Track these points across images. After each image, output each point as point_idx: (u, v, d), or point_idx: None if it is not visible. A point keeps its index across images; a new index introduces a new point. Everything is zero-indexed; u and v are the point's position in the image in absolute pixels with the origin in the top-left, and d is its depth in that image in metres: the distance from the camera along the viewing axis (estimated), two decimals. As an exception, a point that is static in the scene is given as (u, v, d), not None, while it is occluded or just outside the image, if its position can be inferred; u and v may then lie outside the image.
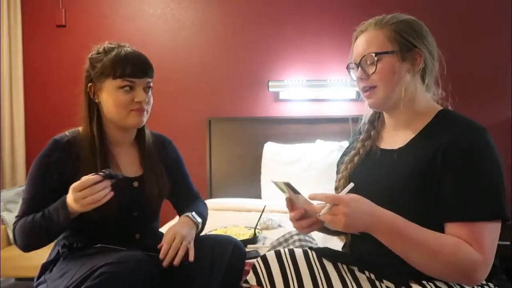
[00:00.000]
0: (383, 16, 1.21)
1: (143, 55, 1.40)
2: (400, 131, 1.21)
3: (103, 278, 1.12)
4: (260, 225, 2.13)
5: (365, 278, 1.11)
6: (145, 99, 1.36)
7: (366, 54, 1.16)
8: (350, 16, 3.14)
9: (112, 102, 1.34)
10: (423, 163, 1.09)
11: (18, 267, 2.57)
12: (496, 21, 3.05)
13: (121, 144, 1.44)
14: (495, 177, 1.05)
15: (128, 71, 1.33)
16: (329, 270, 1.13)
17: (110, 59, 1.34)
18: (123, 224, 1.34)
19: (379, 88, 1.16)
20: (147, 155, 1.47)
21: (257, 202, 2.79)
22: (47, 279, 1.33)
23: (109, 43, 1.40)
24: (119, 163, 1.40)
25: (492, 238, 1.03)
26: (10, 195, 2.83)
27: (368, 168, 1.23)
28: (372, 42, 1.16)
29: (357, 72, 1.19)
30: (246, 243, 1.82)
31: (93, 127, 1.37)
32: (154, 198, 1.43)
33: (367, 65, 1.16)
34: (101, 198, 1.18)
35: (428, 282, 1.06)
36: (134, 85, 1.34)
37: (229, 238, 1.44)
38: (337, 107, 3.21)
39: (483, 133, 1.07)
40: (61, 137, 1.38)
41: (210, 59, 3.33)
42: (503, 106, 3.03)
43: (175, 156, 1.60)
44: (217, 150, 3.28)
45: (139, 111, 1.36)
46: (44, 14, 3.41)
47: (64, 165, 1.33)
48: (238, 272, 1.35)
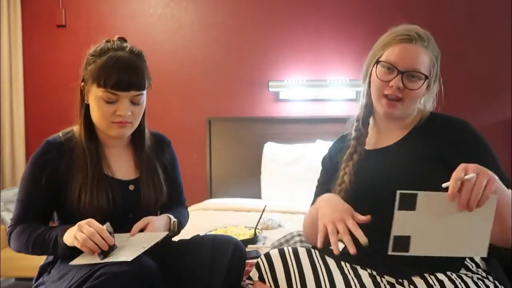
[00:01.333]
0: (425, 32, 1.23)
1: (135, 64, 1.30)
2: (392, 130, 1.28)
3: (104, 279, 1.11)
4: (260, 225, 2.13)
5: (367, 274, 1.13)
6: (126, 113, 1.28)
7: (416, 69, 1.18)
8: (350, 16, 3.15)
9: (96, 109, 1.31)
10: (425, 150, 1.17)
11: (18, 267, 2.57)
12: (496, 21, 3.05)
13: (114, 146, 1.42)
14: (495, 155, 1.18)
15: (111, 82, 1.25)
16: (331, 266, 1.14)
17: (97, 66, 1.28)
18: (119, 226, 1.34)
19: (405, 104, 1.21)
20: (144, 158, 1.44)
21: (257, 202, 2.79)
22: (46, 281, 1.32)
23: (110, 42, 1.34)
24: (113, 165, 1.39)
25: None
26: (10, 195, 2.83)
27: (370, 165, 1.26)
28: (422, 61, 1.19)
29: (394, 77, 1.19)
30: (246, 243, 1.82)
31: (83, 127, 1.35)
32: (150, 201, 1.41)
33: (411, 79, 1.19)
34: (97, 249, 1.18)
35: (429, 275, 1.09)
36: (117, 98, 1.28)
37: (229, 238, 1.43)
38: (337, 107, 3.22)
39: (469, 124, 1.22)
40: (54, 138, 1.37)
41: (210, 59, 3.33)
42: (503, 106, 3.03)
43: (172, 159, 1.56)
44: (217, 150, 3.28)
45: (121, 124, 1.30)
46: (44, 14, 3.41)
47: (57, 166, 1.32)
48: (239, 273, 1.35)
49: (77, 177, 1.32)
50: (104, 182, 1.34)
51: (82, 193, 1.30)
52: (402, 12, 3.04)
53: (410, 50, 1.19)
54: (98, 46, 1.34)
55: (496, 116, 3.03)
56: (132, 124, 1.34)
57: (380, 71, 1.21)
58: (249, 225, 2.11)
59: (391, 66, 1.19)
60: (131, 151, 1.46)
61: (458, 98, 2.99)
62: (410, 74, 1.18)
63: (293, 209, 2.58)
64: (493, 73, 3.06)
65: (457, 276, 1.09)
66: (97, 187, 1.32)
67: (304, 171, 2.91)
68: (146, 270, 1.18)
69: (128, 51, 1.33)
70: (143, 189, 1.40)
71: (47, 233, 1.28)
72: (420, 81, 1.19)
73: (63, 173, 1.32)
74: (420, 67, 1.18)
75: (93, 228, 1.18)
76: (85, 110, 1.36)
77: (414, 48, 1.19)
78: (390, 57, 1.20)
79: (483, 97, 3.05)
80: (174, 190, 1.56)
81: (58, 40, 3.42)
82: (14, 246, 1.34)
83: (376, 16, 3.05)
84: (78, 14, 3.40)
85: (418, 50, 1.19)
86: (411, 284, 1.08)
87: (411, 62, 1.18)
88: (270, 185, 3.02)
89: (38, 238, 1.28)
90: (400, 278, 1.10)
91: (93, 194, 1.30)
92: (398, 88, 1.18)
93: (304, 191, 2.92)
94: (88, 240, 1.16)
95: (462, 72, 3.02)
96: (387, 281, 1.10)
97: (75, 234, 1.19)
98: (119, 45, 1.34)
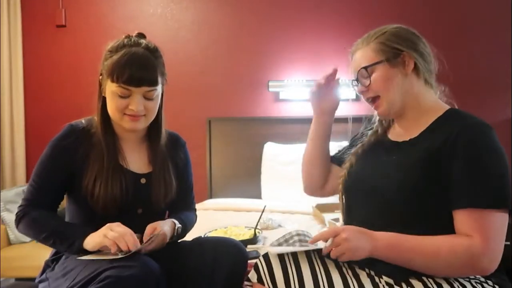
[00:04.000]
0: (368, 33, 1.30)
1: (148, 60, 1.33)
2: (409, 127, 1.27)
3: (108, 282, 1.11)
4: (260, 225, 2.13)
5: (365, 274, 1.13)
6: (138, 108, 1.31)
7: (359, 69, 1.27)
8: (350, 16, 3.15)
9: (110, 103, 1.34)
10: (430, 153, 1.14)
11: (18, 267, 2.57)
12: (496, 21, 3.05)
13: (129, 138, 1.44)
14: (502, 169, 1.09)
15: (124, 78, 1.28)
16: (329, 267, 1.14)
17: (112, 61, 1.31)
18: (127, 220, 1.34)
19: (382, 97, 1.25)
20: (158, 154, 1.45)
21: (257, 202, 2.79)
22: (49, 277, 1.33)
23: (128, 38, 1.37)
24: (127, 157, 1.41)
25: (497, 226, 1.06)
26: (10, 195, 2.83)
27: (376, 157, 1.29)
28: (362, 58, 1.27)
29: (359, 88, 1.30)
30: (246, 243, 1.82)
31: (100, 119, 1.38)
32: (160, 197, 1.42)
33: (363, 79, 1.27)
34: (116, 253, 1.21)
35: (427, 278, 1.09)
36: (130, 92, 1.31)
37: (230, 240, 1.43)
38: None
39: (490, 129, 1.12)
40: (77, 124, 1.40)
41: (210, 59, 3.33)
42: (503, 106, 3.03)
43: (185, 159, 1.57)
44: (217, 150, 3.28)
45: (133, 118, 1.34)
46: (44, 14, 3.41)
47: (75, 152, 1.35)
48: (240, 274, 1.34)
49: (94, 165, 1.34)
50: (119, 172, 1.36)
51: (97, 181, 1.32)
52: (402, 12, 3.04)
53: (353, 59, 1.31)
54: (116, 41, 1.37)
55: (496, 116, 3.03)
56: (146, 117, 1.37)
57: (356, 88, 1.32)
58: (249, 225, 2.11)
59: (355, 82, 1.30)
60: (146, 145, 1.47)
61: (458, 98, 2.99)
62: (360, 76, 1.27)
63: (293, 209, 2.58)
64: (493, 73, 3.06)
65: (455, 279, 1.09)
66: (112, 176, 1.34)
67: (304, 171, 2.90)
68: (150, 273, 1.17)
69: (143, 47, 1.36)
70: (154, 184, 1.42)
71: (65, 230, 1.30)
72: (373, 74, 1.24)
73: (80, 159, 1.35)
74: (361, 65, 1.26)
75: (123, 229, 1.23)
76: (102, 103, 1.38)
77: (355, 55, 1.30)
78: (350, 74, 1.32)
79: (483, 97, 3.05)
80: (184, 190, 1.56)
81: (58, 40, 3.42)
82: (23, 230, 1.34)
83: (376, 16, 3.05)
84: (78, 14, 3.40)
85: (358, 54, 1.29)
86: (409, 286, 1.08)
87: (354, 68, 1.29)
88: (270, 185, 3.01)
89: (55, 233, 1.29)
90: (399, 279, 1.10)
91: (108, 183, 1.33)
92: (363, 92, 1.28)
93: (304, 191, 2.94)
94: (121, 239, 1.20)
95: (462, 72, 3.02)
96: (386, 282, 1.10)
97: (105, 233, 1.22)
98: (135, 41, 1.37)
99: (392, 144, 1.28)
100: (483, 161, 1.08)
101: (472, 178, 1.08)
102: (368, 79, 1.25)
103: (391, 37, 1.25)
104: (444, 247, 1.07)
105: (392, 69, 1.23)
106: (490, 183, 1.07)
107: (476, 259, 1.05)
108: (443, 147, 1.12)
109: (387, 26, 1.29)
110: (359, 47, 1.29)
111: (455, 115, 1.19)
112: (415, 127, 1.24)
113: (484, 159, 1.08)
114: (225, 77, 3.32)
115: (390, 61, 1.23)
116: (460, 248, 1.05)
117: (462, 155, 1.09)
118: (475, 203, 1.06)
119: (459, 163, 1.09)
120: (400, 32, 1.26)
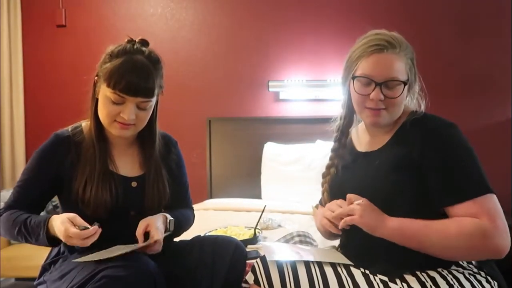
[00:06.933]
0: (394, 36, 1.21)
1: (147, 71, 1.30)
2: (378, 136, 1.28)
3: (105, 282, 1.11)
4: (260, 225, 2.13)
5: (360, 273, 1.14)
6: (130, 117, 1.29)
7: (393, 78, 1.17)
8: (349, 16, 3.15)
9: (102, 107, 1.32)
10: (400, 160, 1.16)
11: (18, 267, 2.57)
12: (496, 21, 3.05)
13: (119, 142, 1.43)
14: (474, 160, 1.13)
15: (121, 86, 1.26)
16: (325, 266, 1.15)
17: (111, 66, 1.28)
18: (121, 223, 1.34)
19: (389, 111, 1.21)
20: (152, 158, 1.44)
21: (257, 202, 2.79)
22: (47, 280, 1.33)
23: (130, 43, 1.35)
24: (117, 161, 1.40)
25: (496, 207, 1.09)
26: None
27: (350, 173, 1.30)
28: (398, 68, 1.18)
29: (373, 90, 1.18)
30: (246, 243, 1.82)
31: (93, 120, 1.37)
32: (153, 200, 1.41)
33: (390, 88, 1.18)
34: (87, 244, 1.19)
35: (421, 272, 1.11)
36: (124, 100, 1.29)
37: (230, 239, 1.43)
38: (337, 107, 3.21)
39: (453, 127, 1.15)
40: (62, 132, 1.39)
41: (210, 59, 3.33)
42: (503, 106, 3.03)
43: (178, 159, 1.55)
44: (217, 150, 3.28)
45: (122, 125, 1.32)
46: (44, 14, 3.41)
47: (63, 159, 1.34)
48: (240, 273, 1.34)
49: (84, 170, 1.33)
50: (108, 177, 1.35)
51: (87, 186, 1.32)
52: (402, 12, 3.05)
53: (383, 60, 1.18)
54: (118, 46, 1.34)
55: (496, 116, 3.03)
56: (136, 126, 1.35)
57: (358, 86, 1.21)
58: (249, 225, 2.11)
59: (367, 80, 1.19)
60: (137, 149, 1.46)
61: (458, 98, 3.01)
62: (387, 84, 1.18)
63: (293, 209, 2.57)
64: (493, 73, 3.06)
65: (448, 272, 1.11)
66: (103, 181, 1.33)
67: (304, 171, 2.91)
68: (147, 272, 1.18)
69: (145, 56, 1.33)
70: (147, 188, 1.41)
71: (31, 223, 1.27)
72: (400, 87, 1.18)
73: (69, 166, 1.34)
74: (396, 75, 1.17)
75: (77, 235, 1.18)
76: (95, 104, 1.37)
77: (386, 57, 1.18)
78: (365, 70, 1.19)
79: (483, 97, 3.04)
80: (180, 190, 1.55)
81: (58, 40, 3.42)
82: (2, 232, 1.34)
83: (376, 16, 3.05)
84: (78, 14, 3.40)
85: (391, 58, 1.18)
86: (404, 282, 1.09)
87: (387, 72, 1.17)
88: (270, 185, 3.01)
89: (24, 227, 1.26)
90: (393, 276, 1.11)
91: (98, 188, 1.32)
92: (380, 100, 1.18)
93: (304, 191, 2.94)
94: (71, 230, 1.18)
95: (462, 72, 3.02)
96: (380, 279, 1.11)
97: (64, 232, 1.19)
98: (137, 49, 1.34)
99: (360, 156, 1.30)
100: (455, 159, 1.12)
101: (452, 176, 1.10)
102: (395, 91, 1.18)
103: (414, 57, 1.23)
104: (452, 225, 1.07)
105: (407, 91, 1.22)
106: (471, 175, 1.10)
107: (488, 235, 1.05)
108: (410, 155, 1.14)
109: (398, 37, 1.22)
110: (394, 52, 1.18)
111: (416, 120, 1.20)
112: (382, 137, 1.26)
113: (455, 157, 1.12)
114: (225, 77, 3.32)
115: (410, 84, 1.22)
116: (469, 226, 1.06)
117: (433, 159, 1.12)
118: (466, 196, 1.08)
119: (433, 167, 1.12)
120: (412, 52, 1.24)
